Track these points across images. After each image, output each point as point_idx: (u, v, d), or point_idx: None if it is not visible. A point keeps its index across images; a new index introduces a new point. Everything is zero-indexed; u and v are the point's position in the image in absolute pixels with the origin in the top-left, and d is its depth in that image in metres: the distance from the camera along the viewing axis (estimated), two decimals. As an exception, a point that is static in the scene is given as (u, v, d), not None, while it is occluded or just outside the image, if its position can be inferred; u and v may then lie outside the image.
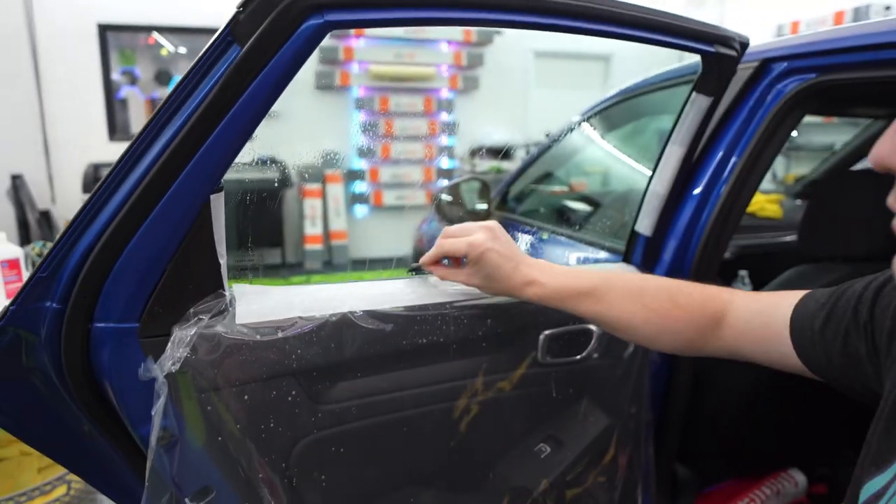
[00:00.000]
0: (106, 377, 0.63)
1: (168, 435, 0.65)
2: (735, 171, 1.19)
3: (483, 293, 0.86)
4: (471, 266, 0.80)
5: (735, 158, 1.20)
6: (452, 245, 0.80)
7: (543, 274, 0.79)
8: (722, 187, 1.20)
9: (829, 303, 0.66)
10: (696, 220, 1.22)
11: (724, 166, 1.21)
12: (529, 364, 0.99)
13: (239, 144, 0.60)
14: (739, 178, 1.18)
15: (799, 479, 1.55)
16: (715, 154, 1.22)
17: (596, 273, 0.82)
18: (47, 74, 4.98)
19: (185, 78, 0.57)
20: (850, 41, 1.05)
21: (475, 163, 5.79)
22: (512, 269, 0.78)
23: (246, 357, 0.67)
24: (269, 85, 0.58)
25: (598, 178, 2.66)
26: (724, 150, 1.21)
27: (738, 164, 1.18)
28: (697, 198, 1.22)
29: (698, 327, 0.76)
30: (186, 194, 0.59)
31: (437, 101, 5.82)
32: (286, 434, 0.73)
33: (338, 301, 0.75)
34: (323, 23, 0.57)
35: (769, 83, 1.19)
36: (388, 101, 5.64)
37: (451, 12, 0.63)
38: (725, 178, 1.20)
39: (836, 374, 0.66)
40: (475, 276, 0.80)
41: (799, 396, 1.38)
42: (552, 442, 1.07)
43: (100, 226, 0.59)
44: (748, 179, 1.19)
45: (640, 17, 0.83)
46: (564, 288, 0.78)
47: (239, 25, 0.56)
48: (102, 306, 0.60)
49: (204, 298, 0.66)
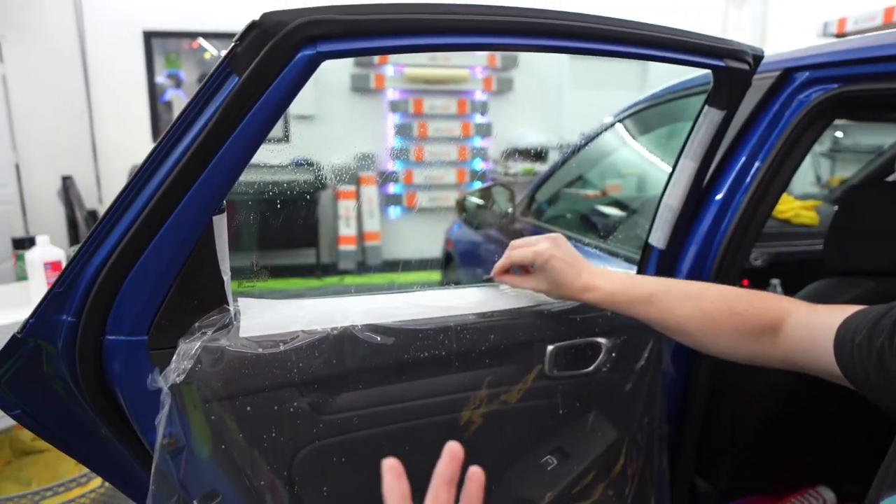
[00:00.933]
0: (117, 386, 0.67)
1: (174, 442, 0.68)
2: (755, 181, 1.17)
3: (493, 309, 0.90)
4: (537, 273, 0.89)
5: (755, 168, 1.18)
6: (519, 255, 0.90)
7: (603, 279, 0.86)
8: (742, 197, 1.18)
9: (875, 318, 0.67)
10: (716, 229, 1.20)
11: (745, 176, 1.19)
12: (536, 377, 1.00)
13: (239, 169, 0.63)
14: (760, 188, 1.16)
15: (828, 496, 1.50)
16: (734, 164, 1.20)
17: (655, 279, 0.86)
18: (96, 80, 5.19)
19: (188, 106, 0.61)
20: (874, 51, 1.03)
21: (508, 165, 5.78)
22: (574, 275, 0.86)
23: (249, 369, 0.70)
24: (265, 113, 0.61)
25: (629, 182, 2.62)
26: (745, 160, 1.19)
27: (759, 174, 1.16)
28: (716, 207, 1.21)
29: (755, 335, 0.78)
30: (190, 216, 0.63)
31: (472, 102, 5.82)
32: (288, 443, 0.75)
33: (340, 315, 0.78)
34: (315, 54, 0.59)
35: (791, 93, 1.17)
36: (422, 104, 5.68)
37: (444, 38, 0.64)
38: (745, 188, 1.18)
39: (875, 390, 0.67)
40: (542, 282, 0.89)
41: (829, 410, 1.34)
42: (559, 454, 1.08)
43: (110, 245, 0.63)
44: (769, 190, 1.17)
45: (643, 34, 0.83)
46: (622, 293, 0.85)
47: (237, 57, 0.59)
48: (113, 320, 0.64)
49: (209, 313, 0.69)
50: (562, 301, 1.03)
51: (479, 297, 0.95)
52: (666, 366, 1.19)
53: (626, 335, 1.09)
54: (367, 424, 0.82)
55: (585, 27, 0.77)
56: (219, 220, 0.66)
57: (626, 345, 1.10)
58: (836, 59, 1.10)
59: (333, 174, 5.53)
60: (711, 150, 1.10)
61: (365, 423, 0.82)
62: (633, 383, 1.13)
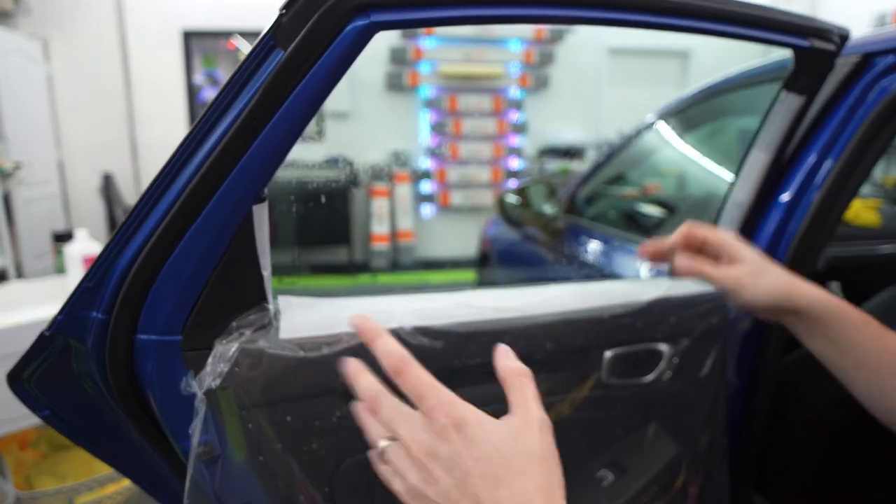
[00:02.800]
0: (149, 388, 0.62)
1: (210, 450, 0.63)
2: (830, 176, 1.07)
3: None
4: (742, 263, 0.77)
5: (830, 162, 1.08)
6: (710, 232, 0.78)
7: None
8: (814, 194, 1.09)
9: None
10: (783, 230, 1.11)
11: (817, 171, 1.09)
12: (593, 385, 0.93)
13: (283, 152, 0.58)
14: (835, 184, 1.06)
15: None
16: (806, 158, 1.10)
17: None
18: (136, 79, 5.28)
19: (226, 85, 0.55)
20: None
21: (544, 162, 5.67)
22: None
23: (289, 373, 0.64)
24: (313, 90, 0.55)
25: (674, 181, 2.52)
26: (818, 154, 1.09)
27: (834, 168, 1.07)
28: (785, 206, 1.11)
29: None
30: (228, 205, 0.57)
31: (507, 100, 5.74)
32: (329, 454, 0.70)
33: (387, 316, 0.72)
34: (368, 23, 0.53)
35: (871, 80, 1.07)
36: (456, 101, 5.62)
37: (508, 9, 0.58)
38: (818, 185, 1.09)
39: None
40: (745, 273, 0.78)
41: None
42: (615, 469, 1.00)
43: (143, 237, 0.58)
44: (845, 186, 1.07)
45: (724, 10, 0.75)
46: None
47: (281, 29, 0.53)
48: (146, 318, 0.59)
49: (247, 312, 0.64)
50: (621, 303, 0.95)
51: (532, 299, 0.88)
52: (730, 375, 1.11)
53: (688, 341, 1.01)
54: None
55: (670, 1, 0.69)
56: (259, 209, 0.61)
57: (689, 352, 1.02)
58: (929, 42, 1.00)
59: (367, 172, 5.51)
60: (787, 140, 1.01)
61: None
62: (695, 393, 1.05)
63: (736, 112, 1.81)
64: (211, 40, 5.48)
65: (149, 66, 5.29)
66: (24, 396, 0.68)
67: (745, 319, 1.08)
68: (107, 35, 5.15)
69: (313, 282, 4.57)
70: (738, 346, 1.12)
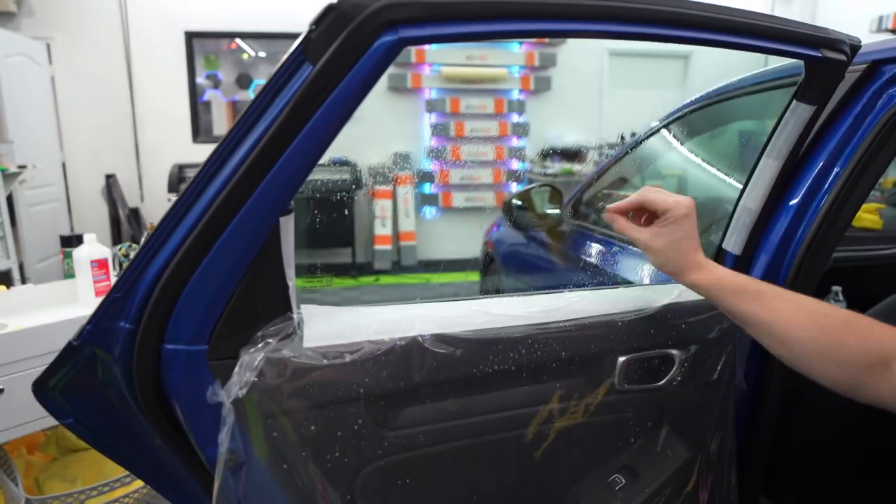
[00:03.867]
0: (175, 398, 0.62)
1: (235, 458, 0.64)
2: (838, 183, 1.08)
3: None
4: (663, 225, 0.78)
5: (838, 169, 1.09)
6: (657, 197, 0.79)
7: (716, 266, 0.79)
8: (822, 201, 1.10)
9: None
10: (791, 236, 1.12)
11: (826, 178, 1.10)
12: (606, 391, 0.94)
13: (310, 165, 0.58)
14: (843, 190, 1.07)
15: None
16: (815, 164, 1.11)
17: (764, 282, 0.79)
18: (139, 80, 5.28)
19: (257, 98, 0.56)
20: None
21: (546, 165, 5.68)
22: (694, 248, 0.79)
23: (313, 382, 0.65)
24: (341, 104, 0.56)
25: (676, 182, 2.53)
26: (826, 160, 1.10)
27: (842, 175, 1.07)
28: (793, 211, 1.12)
29: (868, 363, 0.68)
30: (256, 217, 0.58)
31: (509, 102, 5.75)
32: (352, 460, 0.71)
33: (406, 324, 0.73)
34: (397, 39, 0.54)
35: (879, 87, 1.08)
36: (459, 103, 5.62)
37: (532, 24, 0.59)
38: (826, 191, 1.09)
39: None
40: (658, 239, 0.79)
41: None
42: (627, 473, 1.01)
43: (171, 248, 0.59)
44: (853, 193, 1.08)
45: (739, 22, 0.76)
46: (731, 281, 0.77)
47: (311, 44, 0.54)
48: (173, 328, 0.60)
49: (272, 321, 0.65)
50: (633, 309, 0.96)
51: (548, 306, 0.89)
52: (739, 380, 1.12)
53: (699, 347, 1.02)
54: (433, 441, 0.77)
55: (676, 13, 0.70)
56: (286, 221, 0.62)
57: (700, 357, 1.03)
58: (938, 50, 1.00)
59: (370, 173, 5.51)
60: (797, 148, 1.02)
61: (430, 439, 0.76)
62: (706, 398, 1.06)
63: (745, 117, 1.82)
64: (212, 42, 5.49)
65: (151, 68, 5.29)
66: (48, 404, 0.69)
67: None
68: (110, 37, 5.14)
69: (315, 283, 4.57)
70: (746, 348, 1.12)
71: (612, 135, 5.65)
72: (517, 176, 5.83)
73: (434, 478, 0.79)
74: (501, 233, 2.86)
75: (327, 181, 4.84)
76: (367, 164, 5.55)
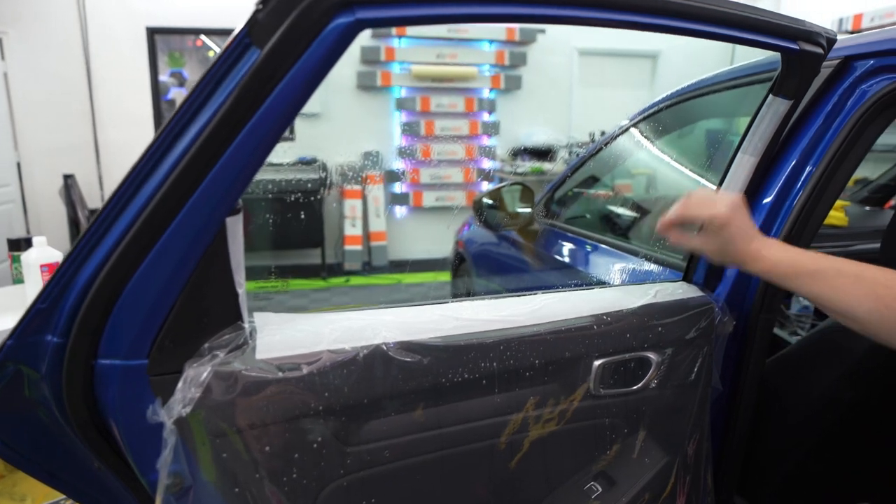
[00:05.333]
0: (112, 417, 0.56)
1: (179, 482, 0.58)
2: (811, 181, 1.06)
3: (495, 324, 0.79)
4: (708, 234, 0.83)
5: (811, 167, 1.07)
6: (694, 214, 0.84)
7: (770, 250, 0.81)
8: (796, 199, 1.08)
9: None
10: (766, 232, 1.10)
11: (799, 175, 1.09)
12: (582, 396, 0.90)
13: (258, 161, 0.53)
14: (817, 187, 1.06)
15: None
16: (789, 161, 1.10)
17: (824, 256, 0.79)
18: (98, 78, 5.10)
19: (198, 85, 0.50)
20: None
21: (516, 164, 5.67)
22: (745, 243, 0.81)
23: (267, 396, 0.60)
24: (292, 92, 0.50)
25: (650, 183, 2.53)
26: (798, 158, 1.09)
27: (815, 172, 1.06)
28: (767, 209, 1.10)
29: None
30: (199, 218, 0.52)
31: (479, 100, 5.72)
32: (311, 480, 0.65)
33: (370, 331, 0.68)
34: (353, 21, 0.49)
35: (852, 83, 1.07)
36: (429, 102, 5.57)
37: (496, 7, 0.54)
38: (799, 190, 1.08)
39: None
40: (710, 244, 0.84)
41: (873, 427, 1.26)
42: (604, 480, 0.97)
43: (103, 253, 0.53)
44: (827, 189, 1.07)
45: (717, 11, 0.73)
46: (788, 265, 0.79)
47: (258, 26, 0.49)
48: (107, 341, 0.54)
49: (221, 332, 0.59)
50: (609, 311, 0.93)
51: (520, 309, 0.85)
52: (715, 381, 1.10)
53: (675, 348, 0.99)
54: (400, 455, 0.72)
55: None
56: (233, 222, 0.56)
57: (677, 359, 1.01)
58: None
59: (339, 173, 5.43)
60: (773, 144, 0.99)
61: (397, 453, 0.71)
62: (683, 400, 1.03)
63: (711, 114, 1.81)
64: (177, 38, 5.33)
65: (112, 65, 5.11)
66: (-30, 425, 0.62)
67: (728, 323, 1.07)
68: (67, 32, 4.95)
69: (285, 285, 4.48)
70: (722, 349, 1.11)
71: (582, 133, 5.67)
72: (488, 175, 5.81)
73: (401, 495, 0.74)
74: (472, 232, 2.82)
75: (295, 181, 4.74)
76: (336, 164, 5.47)
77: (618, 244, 1.71)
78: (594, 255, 1.77)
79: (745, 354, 1.13)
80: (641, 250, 1.53)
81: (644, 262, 1.46)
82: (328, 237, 5.31)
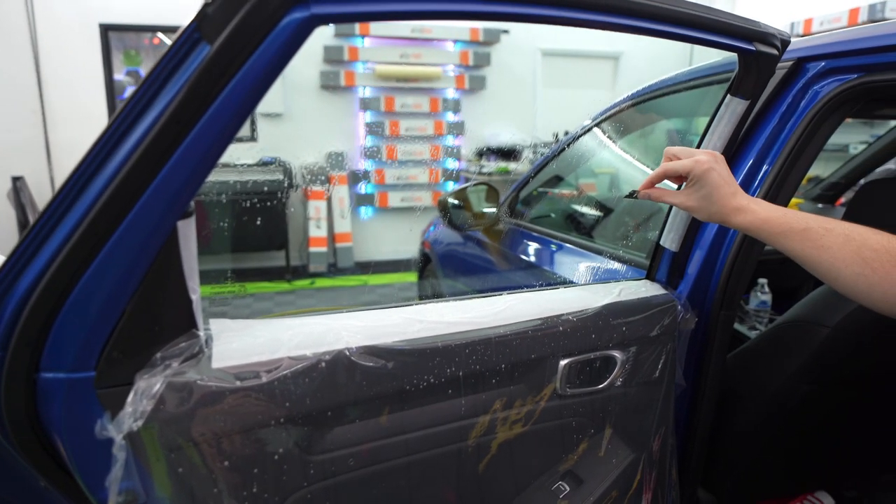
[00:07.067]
0: (57, 434, 0.53)
1: (133, 499, 0.55)
2: (767, 179, 1.09)
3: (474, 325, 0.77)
4: (690, 185, 0.83)
5: (767, 166, 1.10)
6: (676, 166, 0.83)
7: (758, 204, 0.80)
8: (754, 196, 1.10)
9: None
10: (724, 233, 1.13)
11: (755, 175, 1.11)
12: (549, 397, 0.90)
13: (211, 160, 0.51)
14: (773, 186, 1.08)
15: (827, 502, 1.47)
16: (745, 162, 1.12)
17: (813, 216, 0.78)
18: (48, 75, 4.92)
19: (144, 82, 0.48)
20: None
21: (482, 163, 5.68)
22: (730, 194, 0.81)
23: (224, 407, 0.58)
24: (245, 90, 0.48)
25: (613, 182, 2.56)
26: (755, 158, 1.11)
27: (771, 172, 1.08)
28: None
29: None
30: (148, 221, 0.50)
31: (444, 101, 5.72)
32: (273, 492, 0.63)
33: (332, 336, 0.66)
34: (309, 16, 0.47)
35: (804, 84, 1.10)
36: (393, 102, 5.55)
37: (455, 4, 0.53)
38: (756, 188, 1.10)
39: None
40: (692, 197, 0.83)
41: (827, 419, 1.29)
42: (571, 479, 0.97)
43: (45, 258, 0.50)
44: (782, 188, 1.09)
45: (673, 11, 0.73)
46: (776, 222, 0.77)
47: (207, 20, 0.46)
48: (50, 353, 0.51)
49: (174, 340, 0.56)
50: (574, 311, 0.93)
51: (485, 310, 0.84)
52: (678, 377, 1.11)
53: (641, 344, 1.00)
54: (365, 462, 0.70)
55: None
56: (185, 225, 0.53)
57: (641, 357, 1.01)
58: (857, 48, 1.02)
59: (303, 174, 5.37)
60: (732, 143, 1.01)
61: (362, 461, 0.70)
62: (648, 397, 1.04)
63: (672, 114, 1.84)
64: (133, 36, 5.17)
65: (63, 62, 4.93)
66: None
67: (690, 320, 1.09)
68: (14, 26, 4.76)
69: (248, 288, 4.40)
70: (685, 346, 1.12)
71: (546, 133, 5.72)
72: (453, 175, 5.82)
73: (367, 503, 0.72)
74: (438, 232, 2.81)
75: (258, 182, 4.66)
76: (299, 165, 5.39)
77: (582, 243, 1.73)
78: (559, 254, 1.78)
79: (706, 351, 1.15)
80: (606, 249, 1.54)
81: (608, 260, 1.47)
82: (292, 239, 5.23)
